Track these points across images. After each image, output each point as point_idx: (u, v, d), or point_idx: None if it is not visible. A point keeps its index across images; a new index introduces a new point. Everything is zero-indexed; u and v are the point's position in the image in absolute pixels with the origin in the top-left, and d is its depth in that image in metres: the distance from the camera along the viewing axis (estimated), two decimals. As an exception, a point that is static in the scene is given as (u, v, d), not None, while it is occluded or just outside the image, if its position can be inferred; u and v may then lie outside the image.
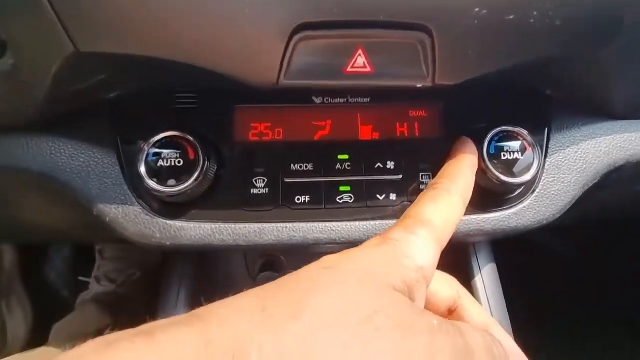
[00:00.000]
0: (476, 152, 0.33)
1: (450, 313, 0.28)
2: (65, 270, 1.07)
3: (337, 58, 0.25)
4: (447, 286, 0.27)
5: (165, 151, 0.32)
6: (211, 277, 0.53)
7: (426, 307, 0.23)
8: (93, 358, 0.15)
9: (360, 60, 0.25)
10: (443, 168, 0.31)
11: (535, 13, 0.24)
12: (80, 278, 0.99)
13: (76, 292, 0.92)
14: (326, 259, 0.21)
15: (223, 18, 0.23)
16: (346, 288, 0.19)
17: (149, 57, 0.24)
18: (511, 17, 0.24)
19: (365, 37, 0.24)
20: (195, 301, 0.45)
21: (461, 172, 0.30)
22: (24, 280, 0.99)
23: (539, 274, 0.88)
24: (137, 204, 0.34)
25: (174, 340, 0.15)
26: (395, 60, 0.26)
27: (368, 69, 0.26)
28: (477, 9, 0.23)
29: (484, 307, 0.44)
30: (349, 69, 0.26)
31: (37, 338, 0.79)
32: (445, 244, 0.25)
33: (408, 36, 0.24)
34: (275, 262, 0.52)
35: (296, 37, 0.23)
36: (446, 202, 0.26)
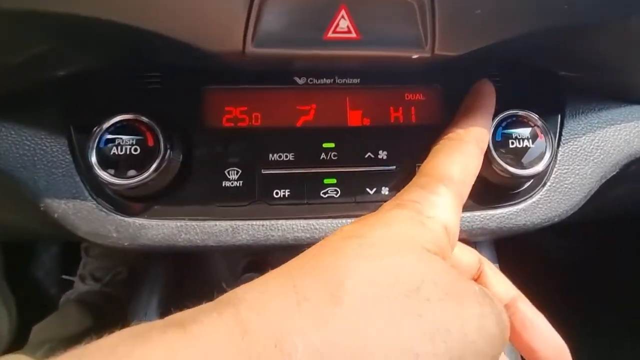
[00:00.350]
0: (494, 95, 0.30)
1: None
2: (53, 267, 1.04)
3: (315, 20, 0.21)
4: (468, 252, 0.26)
5: (120, 137, 0.28)
6: (189, 277, 0.49)
7: None
8: (122, 350, 0.14)
9: (343, 23, 0.21)
10: (455, 116, 0.29)
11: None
12: (64, 276, 0.95)
13: (63, 289, 0.89)
14: (345, 229, 0.20)
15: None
16: (381, 258, 0.17)
17: (79, 15, 0.20)
18: (528, -32, 0.19)
19: (349, -8, 0.20)
20: (168, 309, 0.41)
21: (475, 118, 0.28)
22: (9, 277, 0.95)
23: (541, 273, 0.85)
24: (90, 198, 0.29)
25: (208, 331, 0.14)
26: (386, 23, 0.21)
27: (353, 34, 0.21)
28: (486, -43, 0.18)
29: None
30: (329, 34, 0.21)
31: (22, 337, 0.76)
32: (466, 197, 0.24)
33: (401, -8, 0.20)
34: (260, 262, 0.48)
35: (261, -9, 0.19)
36: (461, 151, 0.25)
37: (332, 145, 0.31)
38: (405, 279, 0.16)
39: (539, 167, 0.29)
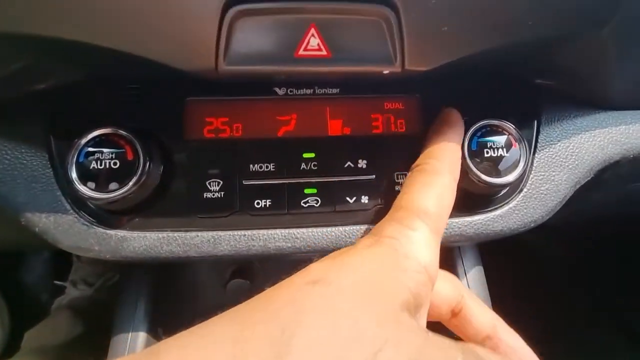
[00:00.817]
0: (462, 124, 0.30)
1: (455, 315, 0.25)
2: (45, 272, 1.03)
3: (286, 38, 0.21)
4: (449, 285, 0.25)
5: (100, 151, 0.28)
6: (176, 283, 0.49)
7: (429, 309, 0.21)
8: None
9: (313, 41, 0.21)
10: (425, 145, 0.29)
11: (521, -18, 0.20)
12: (56, 282, 0.95)
13: (56, 295, 0.88)
14: (313, 269, 0.18)
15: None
16: (342, 315, 0.15)
17: (52, 38, 0.20)
18: (492, -13, 0.20)
19: (318, 11, 0.20)
20: (156, 316, 0.41)
21: (447, 148, 0.27)
22: (2, 283, 0.95)
23: (527, 274, 0.86)
24: (71, 211, 0.29)
25: None
26: (355, 41, 0.21)
27: (324, 52, 0.21)
28: (450, -23, 0.19)
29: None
30: (300, 52, 0.21)
31: (16, 343, 0.75)
32: (443, 231, 0.23)
33: (369, 11, 0.20)
34: (247, 268, 0.48)
35: (231, 12, 0.19)
36: (436, 184, 0.24)
37: (312, 155, 0.32)
38: (365, 341, 0.15)
39: (513, 176, 0.30)
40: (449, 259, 0.45)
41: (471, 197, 0.32)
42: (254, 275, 0.48)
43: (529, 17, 0.21)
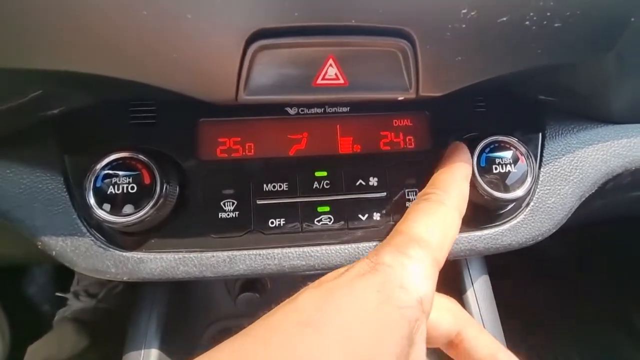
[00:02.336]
0: (470, 159, 0.30)
1: (454, 347, 0.25)
2: (46, 284, 1.02)
3: (305, 69, 0.22)
4: (449, 316, 0.25)
5: (117, 174, 0.28)
6: (188, 297, 0.49)
7: (426, 342, 0.20)
8: None
9: (331, 71, 0.22)
10: (434, 176, 0.28)
11: (531, 14, 0.20)
12: (58, 294, 0.94)
13: (57, 306, 0.88)
14: (303, 305, 0.18)
15: (163, 24, 0.19)
16: None
17: (77, 73, 0.20)
18: (504, 19, 0.20)
19: (336, 44, 0.21)
20: (168, 326, 0.41)
21: (455, 181, 0.27)
22: (2, 295, 0.94)
23: (532, 276, 0.87)
24: (87, 234, 0.30)
25: None
26: (372, 71, 0.22)
27: (341, 81, 0.22)
28: (464, 11, 0.20)
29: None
30: (319, 81, 0.22)
31: (15, 356, 0.75)
32: (442, 264, 0.22)
33: (386, 43, 0.21)
34: (257, 282, 0.48)
35: (253, 47, 0.20)
36: (442, 215, 0.23)
37: (324, 173, 0.32)
38: None
39: (521, 190, 0.31)
40: (456, 268, 0.45)
41: (480, 212, 0.33)
42: (262, 287, 0.48)
43: (538, 46, 0.22)
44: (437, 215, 0.23)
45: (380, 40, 0.20)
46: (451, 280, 0.46)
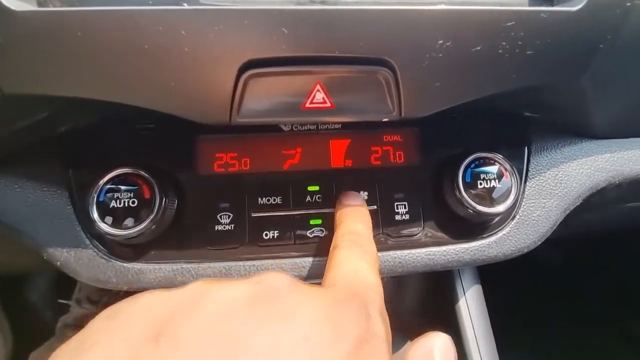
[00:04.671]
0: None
1: None
2: (48, 290, 1.03)
3: (294, 94, 0.23)
4: None
5: (118, 191, 0.30)
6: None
7: None
8: None
9: (319, 96, 0.23)
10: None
11: (503, 43, 0.22)
12: (60, 301, 0.95)
13: (59, 313, 0.89)
14: None
15: (162, 57, 0.20)
16: None
17: (84, 98, 0.22)
18: (478, 48, 0.22)
19: (323, 72, 0.22)
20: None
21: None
22: (4, 301, 0.95)
23: (526, 283, 0.87)
24: (90, 246, 0.31)
25: None
26: (357, 95, 0.24)
27: (328, 104, 0.24)
28: (440, 42, 0.21)
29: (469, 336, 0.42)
30: (307, 105, 0.24)
31: None
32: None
33: (369, 71, 0.22)
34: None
35: (245, 75, 0.21)
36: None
37: (317, 188, 0.34)
38: None
39: (505, 205, 0.32)
40: (448, 278, 0.46)
41: (467, 225, 0.34)
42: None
43: (512, 71, 0.24)
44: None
45: (364, 68, 0.22)
46: (443, 290, 0.46)
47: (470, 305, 0.45)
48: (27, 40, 0.19)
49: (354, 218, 0.29)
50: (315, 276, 0.33)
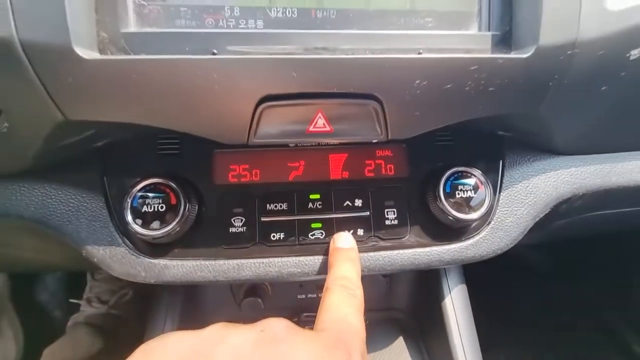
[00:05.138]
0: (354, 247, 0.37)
1: None
2: (58, 290, 1.07)
3: (300, 121, 0.29)
4: None
5: (149, 198, 0.35)
6: (198, 303, 0.55)
7: None
8: None
9: (320, 122, 0.29)
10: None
11: (469, 82, 0.27)
12: (71, 300, 0.99)
13: (69, 312, 0.92)
14: None
15: (197, 93, 0.26)
16: None
17: (133, 123, 0.27)
18: (448, 86, 0.27)
19: (324, 104, 0.28)
20: (182, 328, 0.47)
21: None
22: (15, 300, 0.99)
23: (511, 284, 0.91)
24: (123, 244, 0.36)
25: None
26: (352, 122, 0.29)
27: (328, 129, 0.29)
28: (418, 81, 0.27)
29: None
30: (310, 129, 0.29)
31: (30, 359, 0.79)
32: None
33: (361, 103, 0.28)
34: (258, 288, 0.54)
35: (261, 107, 0.27)
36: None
37: (317, 196, 0.39)
38: None
39: (480, 212, 0.37)
40: (435, 277, 0.51)
41: (447, 230, 0.39)
42: (264, 293, 0.55)
43: (478, 103, 0.29)
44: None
45: (357, 101, 0.28)
46: (430, 288, 0.51)
47: (456, 303, 0.50)
48: (93, 81, 0.25)
49: (345, 262, 0.34)
50: (314, 273, 0.38)
